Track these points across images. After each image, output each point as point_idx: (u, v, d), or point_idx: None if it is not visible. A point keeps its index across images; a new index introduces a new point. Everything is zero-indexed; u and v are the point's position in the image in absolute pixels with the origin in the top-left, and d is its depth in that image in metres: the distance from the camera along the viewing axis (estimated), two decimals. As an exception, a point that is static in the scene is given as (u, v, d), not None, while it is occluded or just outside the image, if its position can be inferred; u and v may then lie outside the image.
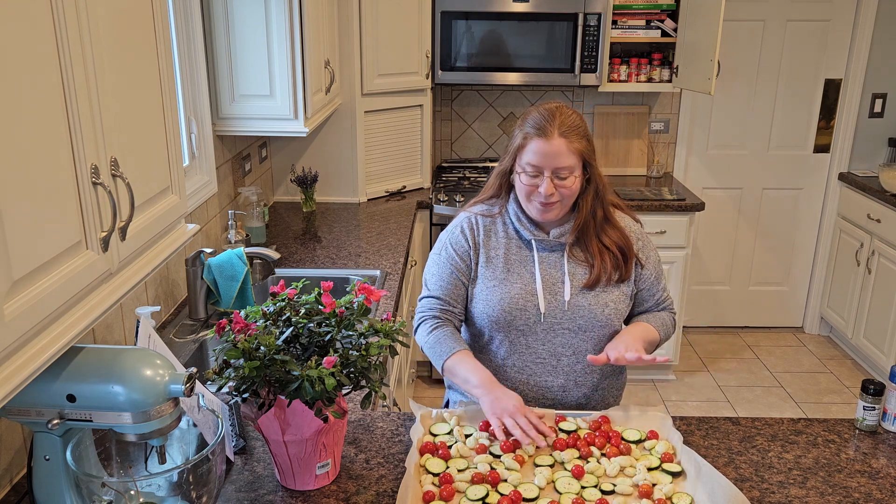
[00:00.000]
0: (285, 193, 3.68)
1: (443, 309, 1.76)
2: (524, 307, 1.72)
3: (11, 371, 0.96)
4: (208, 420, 1.40)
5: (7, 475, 1.47)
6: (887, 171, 3.89)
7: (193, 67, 2.63)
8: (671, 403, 3.83)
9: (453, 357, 1.68)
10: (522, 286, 1.73)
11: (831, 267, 4.40)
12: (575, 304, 1.72)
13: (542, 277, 1.73)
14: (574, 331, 1.73)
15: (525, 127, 1.70)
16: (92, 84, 1.12)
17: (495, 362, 1.77)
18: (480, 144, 4.34)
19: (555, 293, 1.73)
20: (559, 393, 1.77)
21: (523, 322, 1.73)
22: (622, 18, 3.85)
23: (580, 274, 1.74)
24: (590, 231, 1.75)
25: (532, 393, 1.77)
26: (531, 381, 1.76)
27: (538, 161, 1.66)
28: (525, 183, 1.69)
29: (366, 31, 3.44)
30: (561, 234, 1.75)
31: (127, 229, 1.21)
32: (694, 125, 4.30)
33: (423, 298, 1.79)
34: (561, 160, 1.65)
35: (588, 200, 1.73)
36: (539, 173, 1.67)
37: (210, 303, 2.29)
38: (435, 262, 1.80)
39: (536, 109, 1.72)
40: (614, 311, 1.75)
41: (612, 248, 1.75)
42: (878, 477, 1.53)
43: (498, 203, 1.81)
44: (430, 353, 1.72)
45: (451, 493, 1.42)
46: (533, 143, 1.67)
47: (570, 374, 1.76)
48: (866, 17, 4.06)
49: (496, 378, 1.69)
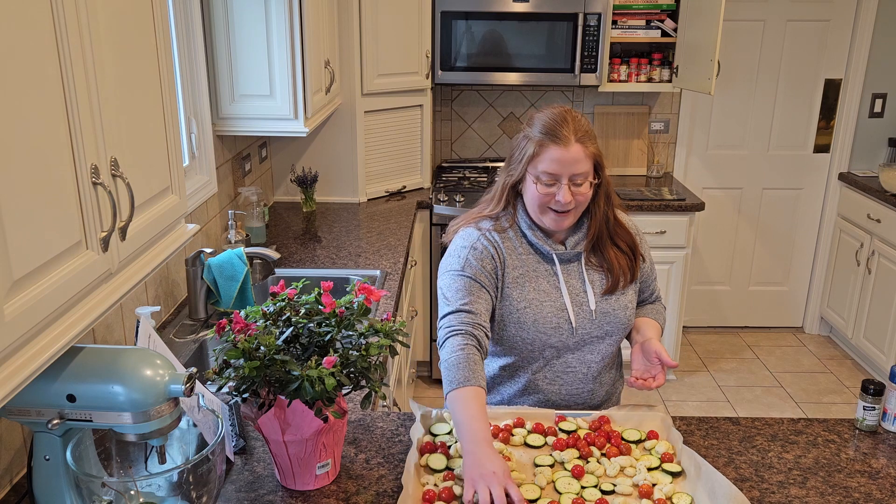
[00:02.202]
0: (285, 193, 3.68)
1: (475, 323, 1.60)
2: (557, 325, 1.69)
3: (11, 371, 0.96)
4: (208, 420, 1.40)
5: (7, 475, 1.47)
6: (887, 171, 3.89)
7: (193, 67, 2.63)
8: (671, 403, 3.83)
9: (460, 391, 1.49)
10: (552, 304, 1.69)
11: (831, 267, 4.40)
12: (600, 311, 1.71)
13: (567, 291, 1.70)
14: (601, 337, 1.73)
15: (536, 134, 1.63)
16: (92, 84, 1.12)
17: (526, 377, 1.75)
18: (480, 144, 4.34)
19: (580, 304, 1.70)
20: (587, 397, 1.78)
21: (557, 339, 1.70)
22: (622, 18, 3.85)
23: (598, 280, 1.73)
24: (604, 235, 1.72)
25: (563, 402, 1.76)
26: (563, 391, 1.75)
27: (555, 169, 1.60)
28: (541, 192, 1.63)
29: (366, 31, 3.45)
30: (576, 243, 1.72)
31: (127, 229, 1.21)
32: (694, 125, 4.30)
33: (450, 314, 1.62)
34: (578, 166, 1.60)
35: (600, 205, 1.70)
36: (555, 181, 1.61)
37: (210, 303, 2.29)
38: (455, 278, 1.66)
39: (543, 115, 1.65)
40: (632, 312, 1.76)
41: (624, 249, 1.74)
42: (878, 477, 1.53)
43: (505, 217, 1.73)
44: (444, 374, 1.55)
45: (451, 495, 1.42)
46: (549, 150, 1.60)
47: (596, 378, 1.77)
48: (866, 17, 4.06)
49: (528, 390, 1.72)
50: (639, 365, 1.70)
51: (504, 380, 1.77)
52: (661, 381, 1.67)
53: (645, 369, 1.69)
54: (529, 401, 1.76)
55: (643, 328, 1.77)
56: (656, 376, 1.67)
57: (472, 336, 1.58)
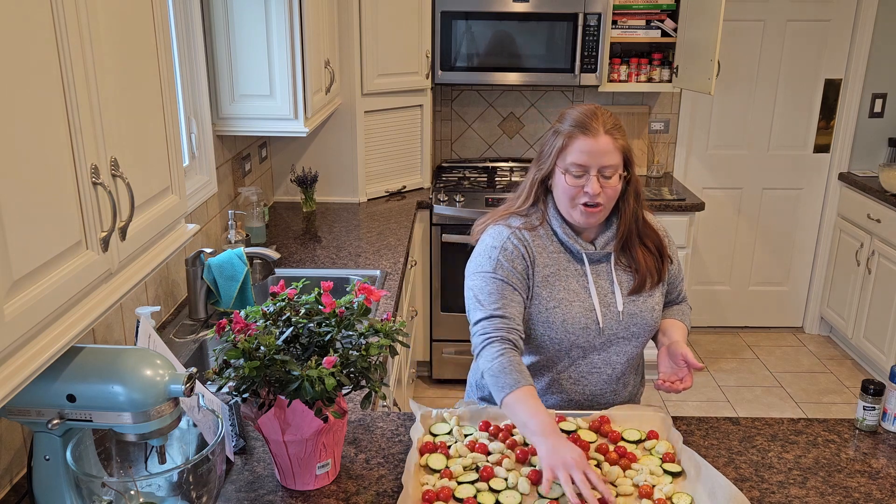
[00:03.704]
0: (285, 193, 3.68)
1: (509, 328, 1.60)
2: (586, 325, 1.68)
3: (11, 371, 0.96)
4: (208, 420, 1.40)
5: (7, 475, 1.47)
6: (887, 171, 3.89)
7: (193, 67, 2.63)
8: (671, 403, 3.83)
9: (515, 393, 1.50)
10: (580, 304, 1.68)
11: (831, 267, 4.40)
12: (628, 312, 1.70)
13: (595, 291, 1.70)
14: (628, 338, 1.72)
15: (565, 127, 1.63)
16: (92, 84, 1.12)
17: (550, 376, 1.74)
18: (480, 144, 4.34)
19: (608, 304, 1.69)
20: (610, 398, 1.77)
21: (585, 340, 1.69)
22: (622, 18, 3.85)
23: (626, 281, 1.72)
24: (633, 235, 1.71)
25: (586, 402, 1.76)
26: (586, 391, 1.75)
27: (584, 160, 1.59)
28: (570, 184, 1.62)
29: (366, 31, 3.45)
30: (606, 242, 1.71)
31: (127, 229, 1.21)
32: (694, 125, 4.30)
33: (484, 319, 1.61)
34: (607, 158, 1.60)
35: (629, 202, 1.69)
36: (584, 173, 1.60)
37: (210, 303, 2.29)
38: (487, 280, 1.65)
39: (573, 110, 1.65)
40: (659, 314, 1.75)
41: (652, 249, 1.73)
42: (878, 477, 1.53)
43: (535, 214, 1.72)
44: (491, 382, 1.55)
45: (450, 494, 1.42)
46: (578, 141, 1.60)
47: (620, 379, 1.76)
48: (866, 17, 4.06)
49: (551, 389, 1.71)
50: (665, 367, 1.70)
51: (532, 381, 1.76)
52: (688, 384, 1.66)
53: (672, 371, 1.68)
54: (552, 400, 1.75)
55: (669, 330, 1.76)
56: (683, 379, 1.66)
57: (509, 341, 1.58)
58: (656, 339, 1.78)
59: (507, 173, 4.16)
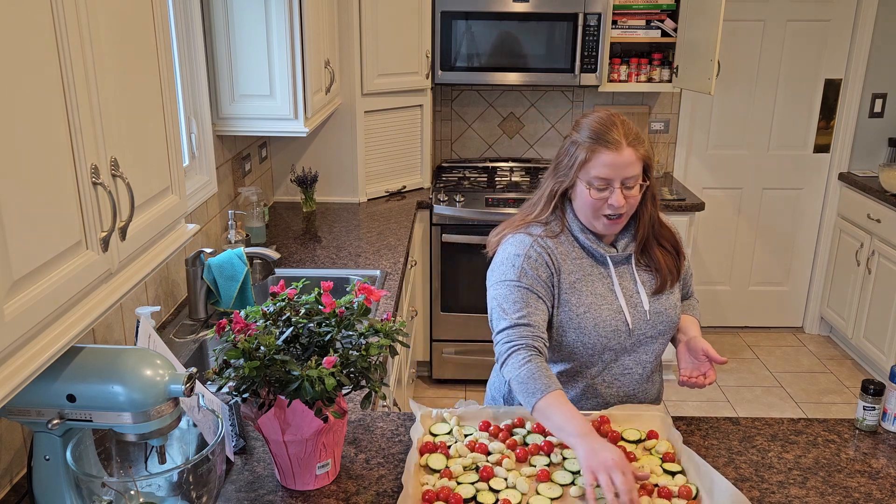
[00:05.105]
0: (285, 193, 3.68)
1: (534, 335, 1.59)
2: (616, 327, 1.68)
3: (11, 371, 0.96)
4: (208, 420, 1.40)
5: (7, 475, 1.47)
6: (887, 171, 3.89)
7: (193, 67, 2.63)
8: (671, 403, 3.83)
9: (547, 398, 1.50)
10: (608, 306, 1.68)
11: (831, 267, 4.40)
12: (654, 311, 1.71)
13: (621, 292, 1.70)
14: (655, 337, 1.73)
15: (585, 140, 1.62)
16: (92, 84, 1.12)
17: (585, 382, 1.74)
18: (480, 144, 4.34)
19: (635, 305, 1.70)
20: (642, 397, 1.78)
21: (616, 342, 1.69)
22: (622, 18, 3.85)
23: (648, 280, 1.73)
24: (650, 237, 1.73)
25: (618, 403, 1.76)
26: (620, 393, 1.75)
27: (608, 174, 1.59)
28: (594, 197, 1.61)
29: (366, 31, 3.45)
30: (626, 245, 1.72)
31: (127, 229, 1.21)
32: (694, 125, 4.30)
33: (508, 328, 1.60)
34: (630, 170, 1.60)
35: (647, 206, 1.70)
36: (608, 186, 1.61)
37: (210, 303, 2.29)
38: (511, 289, 1.64)
39: (590, 119, 1.65)
40: (679, 310, 1.77)
41: (669, 249, 1.75)
42: (878, 477, 1.53)
43: (555, 222, 1.71)
44: (519, 390, 1.54)
45: (450, 494, 1.42)
46: (602, 155, 1.59)
47: (649, 378, 1.77)
48: (866, 17, 4.06)
49: (586, 395, 1.71)
50: (687, 364, 1.70)
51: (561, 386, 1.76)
52: (712, 378, 1.67)
53: (693, 367, 1.69)
54: (588, 405, 1.74)
55: (686, 327, 1.77)
56: (706, 373, 1.67)
57: (534, 348, 1.58)
58: (673, 338, 1.79)
59: (507, 173, 4.16)
